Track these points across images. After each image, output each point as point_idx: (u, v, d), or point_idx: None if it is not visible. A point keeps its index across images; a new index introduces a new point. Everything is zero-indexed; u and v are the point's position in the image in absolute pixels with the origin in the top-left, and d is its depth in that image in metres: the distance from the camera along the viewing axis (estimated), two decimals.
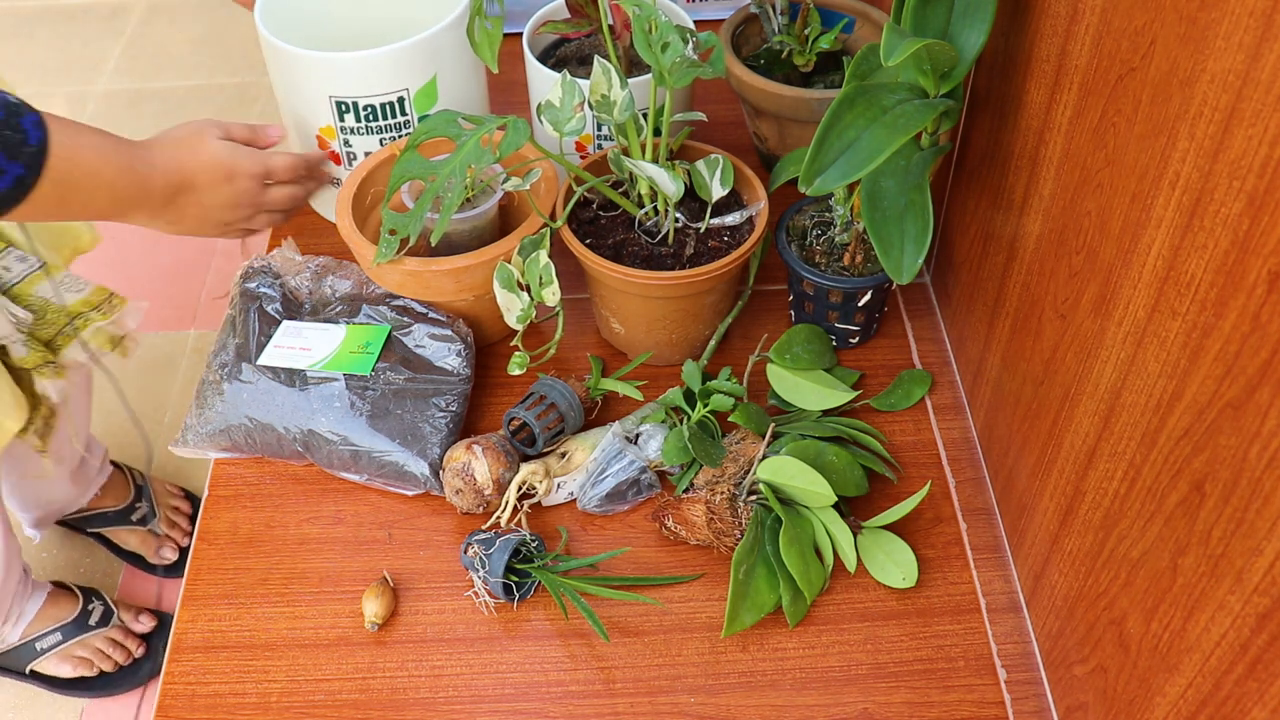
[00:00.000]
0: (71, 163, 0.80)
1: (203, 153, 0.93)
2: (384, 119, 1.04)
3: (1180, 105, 0.57)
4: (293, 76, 1.04)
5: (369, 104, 1.03)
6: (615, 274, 0.92)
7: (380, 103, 1.03)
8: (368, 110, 1.03)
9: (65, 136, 0.79)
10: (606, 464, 0.91)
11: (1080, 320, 0.72)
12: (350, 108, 1.03)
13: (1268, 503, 0.50)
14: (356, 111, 1.04)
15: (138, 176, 0.87)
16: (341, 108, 1.03)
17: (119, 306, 1.08)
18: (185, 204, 0.93)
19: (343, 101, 1.03)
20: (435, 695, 0.82)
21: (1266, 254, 0.49)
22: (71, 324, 1.04)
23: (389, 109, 1.04)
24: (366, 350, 0.94)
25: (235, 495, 0.95)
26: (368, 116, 1.04)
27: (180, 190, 0.92)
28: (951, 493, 0.93)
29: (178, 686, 0.83)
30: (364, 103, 1.03)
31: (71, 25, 2.50)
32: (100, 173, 0.83)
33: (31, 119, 0.77)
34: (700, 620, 0.85)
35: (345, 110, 1.03)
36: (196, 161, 0.93)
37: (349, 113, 1.04)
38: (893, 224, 0.81)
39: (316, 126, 1.06)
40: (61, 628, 1.31)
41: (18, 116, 0.76)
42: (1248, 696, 0.53)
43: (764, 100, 1.08)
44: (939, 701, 0.81)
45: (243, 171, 0.95)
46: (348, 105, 1.03)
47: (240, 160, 0.95)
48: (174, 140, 0.93)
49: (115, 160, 0.85)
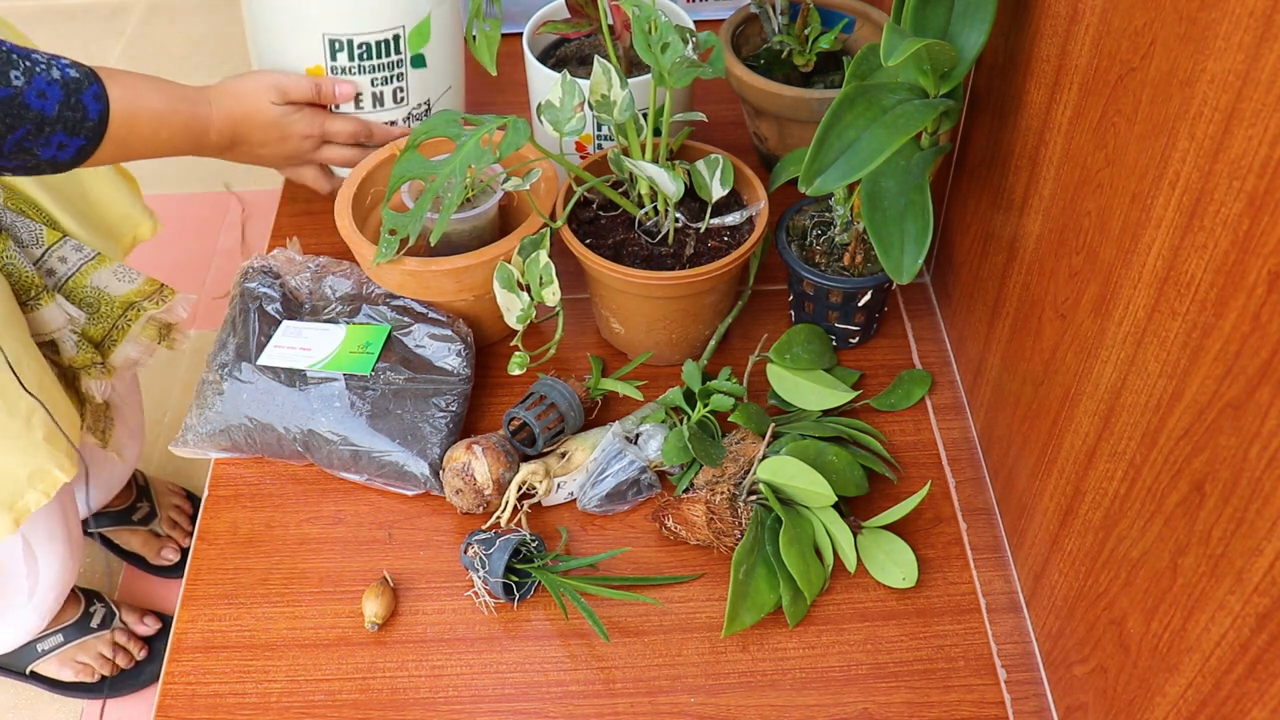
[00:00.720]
0: (130, 127, 0.85)
1: (257, 115, 0.99)
2: (377, 58, 1.04)
3: (1180, 105, 0.57)
4: (282, 14, 1.03)
5: (364, 41, 1.02)
6: (615, 274, 0.92)
7: (375, 40, 1.02)
8: (362, 48, 1.03)
9: (124, 104, 0.84)
10: (606, 464, 0.91)
11: (1080, 320, 0.72)
12: (344, 46, 1.02)
13: (1268, 503, 0.50)
14: (350, 50, 1.03)
15: (194, 132, 0.93)
16: (334, 45, 1.02)
17: (169, 296, 1.09)
18: (240, 152, 1.01)
19: (336, 39, 1.02)
20: (435, 695, 0.82)
21: (1266, 254, 0.49)
22: (125, 315, 1.06)
23: (383, 47, 1.03)
24: (366, 350, 0.94)
25: (235, 495, 0.95)
26: (361, 55, 1.03)
27: (235, 142, 0.99)
28: (951, 493, 0.93)
29: (178, 687, 0.83)
30: (359, 40, 1.02)
31: (71, 25, 2.50)
32: (158, 132, 0.89)
33: (92, 91, 0.81)
34: (700, 620, 0.85)
35: (338, 49, 1.03)
36: (250, 121, 0.99)
37: (341, 51, 1.03)
38: (893, 224, 0.81)
39: (303, 67, 1.05)
40: (63, 629, 1.31)
41: (79, 93, 0.80)
42: (1248, 696, 0.53)
43: (764, 100, 1.08)
44: (939, 701, 0.81)
45: (296, 132, 1.02)
46: (341, 43, 1.02)
47: (295, 124, 1.02)
48: (232, 95, 0.98)
49: (173, 121, 0.91)
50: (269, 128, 1.00)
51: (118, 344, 1.06)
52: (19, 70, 0.75)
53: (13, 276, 0.94)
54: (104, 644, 1.33)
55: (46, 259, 1.00)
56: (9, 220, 0.97)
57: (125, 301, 1.05)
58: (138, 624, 1.37)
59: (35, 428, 0.95)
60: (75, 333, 1.01)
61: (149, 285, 1.07)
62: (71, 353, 1.01)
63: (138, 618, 1.37)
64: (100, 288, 1.04)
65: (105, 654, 1.33)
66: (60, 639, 1.31)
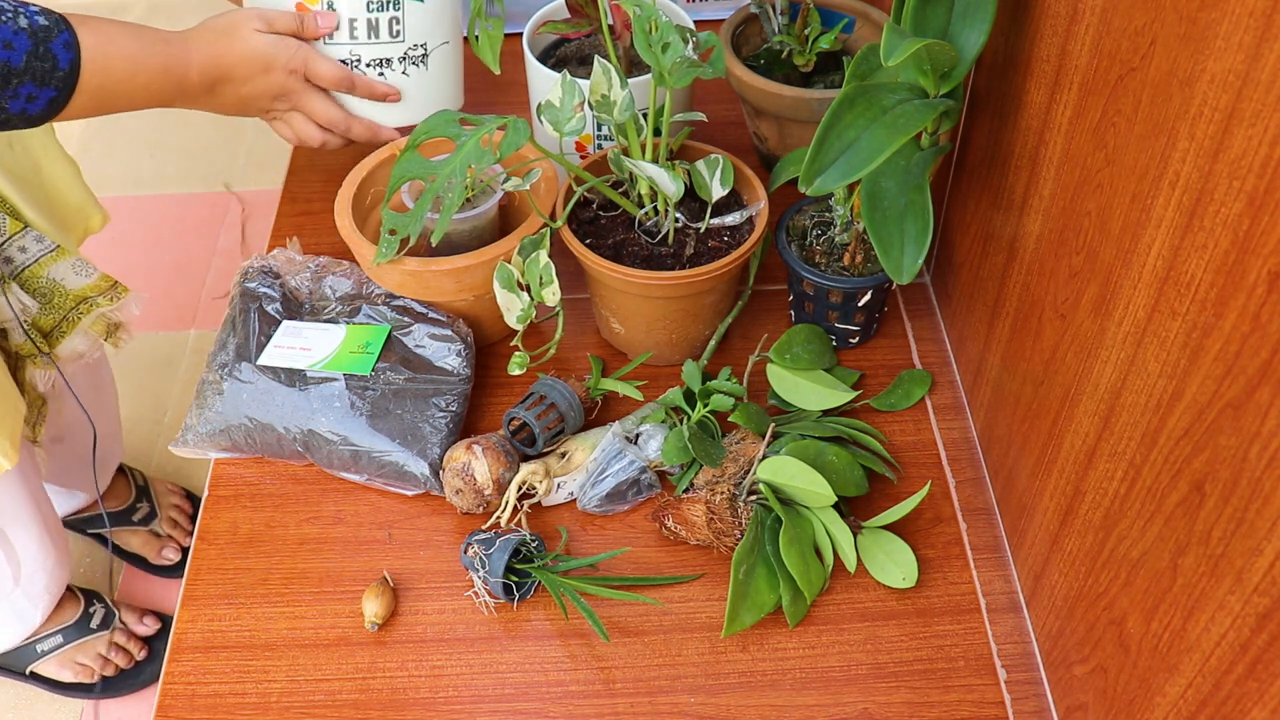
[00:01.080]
0: (105, 75, 0.81)
1: (239, 44, 0.95)
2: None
3: (1180, 105, 0.57)
4: None
5: None
6: (615, 274, 0.92)
7: None
8: None
9: (97, 52, 0.80)
10: (606, 464, 0.91)
11: (1080, 320, 0.72)
12: None
13: (1268, 503, 0.50)
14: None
15: (173, 75, 0.89)
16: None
17: (123, 294, 1.09)
18: (223, 93, 0.95)
19: None
20: (435, 695, 0.82)
21: (1266, 254, 0.49)
22: (76, 309, 1.05)
23: None
24: (366, 350, 0.94)
25: (235, 495, 0.95)
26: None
27: (218, 81, 0.94)
28: (951, 493, 0.93)
29: (178, 686, 0.83)
30: None
31: None
32: (135, 78, 0.85)
33: (62, 39, 0.77)
34: (700, 620, 0.85)
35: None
36: (232, 54, 0.94)
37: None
38: (893, 224, 0.81)
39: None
40: (63, 630, 1.31)
41: (47, 42, 0.76)
42: (1248, 696, 0.53)
43: (764, 100, 1.08)
44: (939, 701, 0.81)
45: (280, 65, 0.97)
46: None
47: (279, 52, 0.97)
48: (212, 31, 0.94)
49: (149, 64, 0.86)
50: (252, 59, 0.95)
51: (66, 335, 1.05)
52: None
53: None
54: (104, 644, 1.33)
55: (6, 248, 0.99)
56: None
57: (79, 296, 1.05)
58: (138, 624, 1.37)
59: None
60: (26, 322, 1.01)
61: (104, 281, 1.07)
62: (19, 340, 1.01)
63: (138, 618, 1.37)
64: (57, 280, 1.03)
65: (105, 654, 1.33)
66: (60, 639, 1.31)
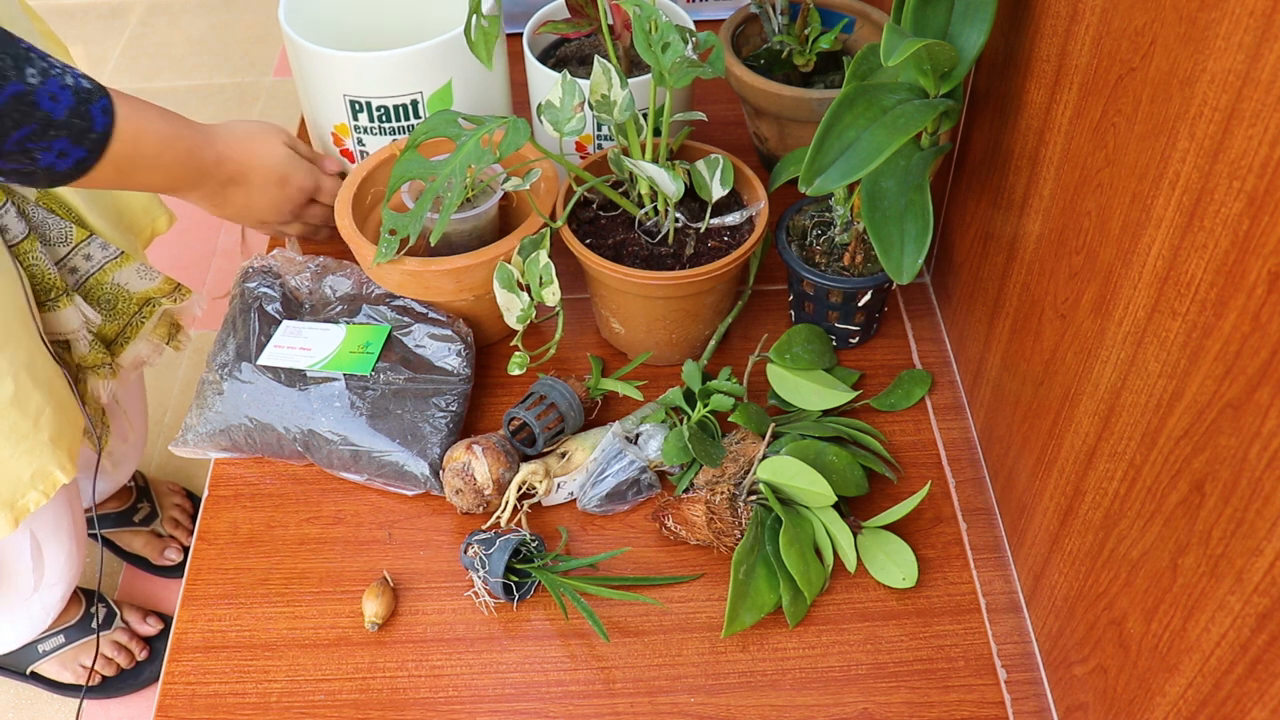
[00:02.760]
0: (134, 146, 0.83)
1: (265, 153, 0.97)
2: (396, 120, 1.04)
3: (1180, 105, 0.57)
4: (310, 73, 1.04)
5: (381, 105, 1.03)
6: (615, 274, 0.92)
7: (393, 104, 1.03)
8: (380, 111, 1.03)
9: (131, 123, 0.82)
10: (606, 464, 0.91)
11: (1080, 320, 0.72)
12: (364, 107, 1.03)
13: (1268, 503, 0.50)
14: (370, 111, 1.04)
15: (196, 163, 0.91)
16: (355, 107, 1.03)
17: (186, 295, 1.10)
18: (234, 194, 0.97)
19: (356, 101, 1.03)
20: (435, 695, 0.82)
21: (1266, 254, 0.49)
22: (140, 312, 1.06)
23: (401, 111, 1.04)
24: (366, 350, 0.94)
25: (235, 495, 0.95)
26: (380, 117, 1.04)
27: (234, 181, 0.96)
28: (951, 493, 0.93)
29: (178, 686, 0.83)
30: (377, 103, 1.03)
31: (71, 25, 2.50)
32: (160, 156, 0.86)
33: (100, 105, 0.79)
34: (700, 620, 0.85)
35: (359, 110, 1.04)
36: (256, 159, 0.97)
37: (362, 112, 1.04)
38: (893, 224, 0.81)
39: (332, 124, 1.06)
40: (65, 630, 1.31)
41: (88, 104, 0.78)
42: (1248, 696, 0.53)
43: (764, 100, 1.08)
44: (939, 701, 0.81)
45: (295, 182, 1.00)
46: (361, 105, 1.03)
47: (297, 170, 1.00)
48: (241, 134, 0.96)
49: (176, 146, 0.88)
50: (272, 169, 0.98)
51: (130, 341, 1.07)
52: (35, 69, 0.74)
53: (35, 277, 0.95)
54: (105, 644, 1.33)
55: (71, 257, 1.00)
56: (39, 218, 0.97)
57: (143, 298, 1.06)
58: (140, 624, 1.37)
59: (43, 428, 0.95)
60: (91, 333, 1.02)
61: (167, 284, 1.09)
62: (84, 352, 1.02)
63: (140, 618, 1.38)
64: (121, 285, 1.05)
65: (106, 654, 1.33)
66: (61, 639, 1.31)
